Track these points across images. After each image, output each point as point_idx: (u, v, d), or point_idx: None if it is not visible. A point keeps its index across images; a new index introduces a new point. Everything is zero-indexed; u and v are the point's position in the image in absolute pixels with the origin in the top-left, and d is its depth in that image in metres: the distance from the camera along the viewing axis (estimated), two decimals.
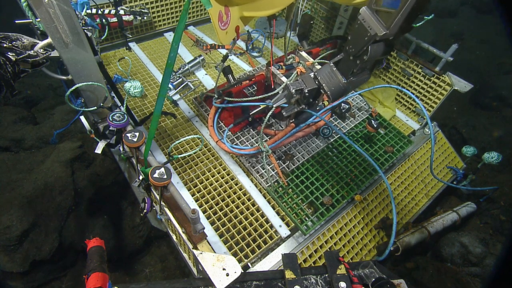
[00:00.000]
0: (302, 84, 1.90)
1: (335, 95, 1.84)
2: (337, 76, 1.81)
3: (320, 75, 1.86)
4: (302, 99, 1.96)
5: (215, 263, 1.67)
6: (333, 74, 1.83)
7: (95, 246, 1.49)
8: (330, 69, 1.84)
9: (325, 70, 1.86)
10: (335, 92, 1.82)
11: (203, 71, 3.55)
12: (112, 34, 3.61)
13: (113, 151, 2.73)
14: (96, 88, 2.09)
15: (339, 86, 1.81)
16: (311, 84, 1.88)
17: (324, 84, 1.83)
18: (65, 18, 1.59)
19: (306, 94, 1.89)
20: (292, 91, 1.91)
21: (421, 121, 3.34)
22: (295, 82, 1.92)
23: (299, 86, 1.90)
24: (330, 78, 1.83)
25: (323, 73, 1.86)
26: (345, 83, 1.80)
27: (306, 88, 1.88)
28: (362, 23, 1.57)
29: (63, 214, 2.67)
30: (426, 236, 2.50)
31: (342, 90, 1.83)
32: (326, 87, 1.82)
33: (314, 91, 1.91)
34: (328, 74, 1.84)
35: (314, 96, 1.98)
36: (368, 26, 1.55)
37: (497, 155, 2.70)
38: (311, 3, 3.96)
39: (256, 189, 2.54)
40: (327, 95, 1.84)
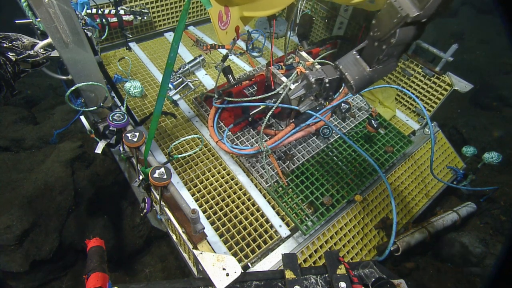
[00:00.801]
0: (322, 73, 1.70)
1: (359, 85, 1.65)
2: (361, 64, 1.63)
3: (341, 63, 1.67)
4: (322, 92, 1.77)
5: (215, 263, 1.67)
6: (357, 62, 1.65)
7: (95, 246, 1.50)
8: (353, 57, 1.66)
9: (347, 58, 1.68)
10: (359, 81, 1.64)
11: (203, 71, 3.55)
12: (112, 34, 3.61)
13: (113, 151, 2.73)
14: (96, 88, 2.09)
15: (364, 75, 1.63)
16: (332, 74, 1.69)
17: (347, 73, 1.64)
18: (65, 18, 1.59)
19: (327, 85, 1.70)
20: (312, 80, 1.70)
21: (421, 121, 3.33)
22: (315, 72, 1.72)
23: (319, 75, 1.70)
24: (353, 67, 1.65)
25: (345, 61, 1.67)
26: (370, 71, 1.62)
27: (326, 77, 1.68)
28: (392, 3, 1.40)
29: (63, 214, 2.68)
30: (426, 236, 2.51)
31: (367, 79, 1.64)
32: (349, 76, 1.64)
33: (335, 81, 1.71)
34: (350, 63, 1.66)
35: (335, 89, 1.77)
36: (399, 6, 1.37)
37: (497, 155, 2.70)
38: (311, 3, 3.95)
39: (256, 189, 2.54)
40: (350, 85, 1.65)
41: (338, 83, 1.74)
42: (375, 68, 1.62)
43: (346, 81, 1.67)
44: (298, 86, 1.86)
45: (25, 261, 2.43)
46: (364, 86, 1.68)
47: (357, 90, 1.68)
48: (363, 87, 1.69)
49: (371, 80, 1.65)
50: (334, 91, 1.78)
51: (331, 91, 1.77)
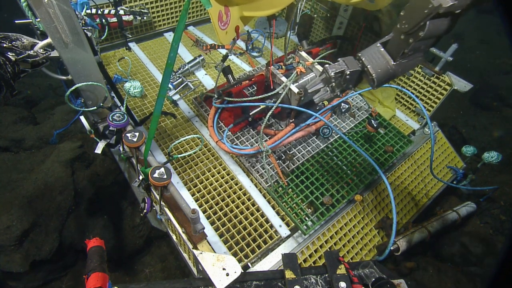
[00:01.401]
0: (343, 65, 1.66)
1: (381, 79, 1.59)
2: (384, 56, 1.58)
3: (364, 55, 1.61)
4: (341, 83, 1.73)
5: (215, 263, 1.67)
6: (380, 54, 1.59)
7: (95, 246, 1.50)
8: (376, 49, 1.61)
9: (371, 50, 1.63)
10: (381, 75, 1.58)
11: (203, 71, 3.55)
12: (112, 34, 3.61)
13: (113, 151, 2.73)
14: (96, 88, 2.09)
15: (387, 68, 1.57)
16: (354, 66, 1.64)
17: (370, 66, 1.59)
18: (65, 18, 1.59)
19: (347, 76, 1.66)
20: (331, 74, 1.67)
21: (421, 121, 3.33)
22: (335, 64, 1.69)
23: (340, 68, 1.66)
24: (376, 59, 1.59)
25: (368, 53, 1.62)
26: (394, 65, 1.57)
27: (348, 69, 1.64)
28: None
29: (63, 214, 2.68)
30: (426, 235, 2.50)
31: (390, 73, 1.58)
32: (372, 69, 1.58)
33: (356, 74, 1.67)
34: (374, 55, 1.61)
35: (356, 81, 1.72)
36: None
37: (497, 155, 2.70)
38: (311, 3, 3.96)
39: (256, 189, 2.54)
40: (372, 78, 1.60)
41: (359, 75, 1.69)
42: (400, 62, 1.56)
43: (368, 74, 1.62)
44: (317, 80, 1.81)
45: (25, 261, 2.43)
46: (386, 80, 1.63)
47: (378, 84, 1.62)
48: (385, 81, 1.63)
49: (394, 74, 1.60)
50: (354, 83, 1.74)
51: (351, 83, 1.73)
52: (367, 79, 1.67)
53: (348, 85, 1.73)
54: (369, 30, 3.47)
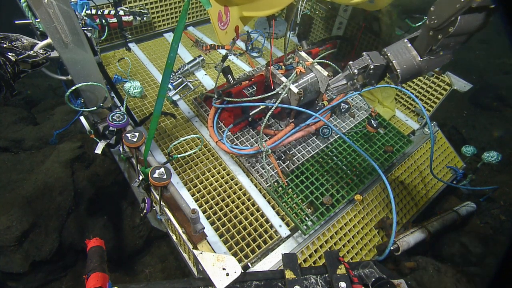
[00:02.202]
0: (367, 60, 1.65)
1: (406, 74, 1.56)
2: (411, 52, 1.55)
3: (390, 51, 1.60)
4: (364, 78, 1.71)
5: (215, 263, 1.67)
6: (407, 50, 1.56)
7: (95, 246, 1.49)
8: (403, 45, 1.59)
9: (397, 45, 1.62)
10: (406, 71, 1.55)
11: (203, 72, 3.56)
12: (111, 35, 3.62)
13: (113, 151, 2.73)
14: (96, 88, 2.09)
15: (413, 64, 1.54)
16: (379, 61, 1.63)
17: (395, 61, 1.56)
18: (64, 18, 1.60)
19: (371, 71, 1.64)
20: (355, 71, 1.66)
21: (421, 121, 3.34)
22: (358, 60, 1.68)
23: (363, 63, 1.65)
24: (402, 55, 1.57)
25: (394, 48, 1.60)
26: (420, 61, 1.54)
27: (372, 63, 1.62)
28: None
29: (63, 214, 2.68)
30: (426, 235, 2.50)
31: (416, 69, 1.55)
32: (397, 64, 1.56)
33: (380, 69, 1.65)
34: (400, 50, 1.58)
35: (379, 77, 1.70)
36: None
37: (497, 155, 2.70)
38: (310, 3, 3.96)
39: (256, 189, 2.54)
40: (396, 74, 1.57)
41: (384, 71, 1.67)
42: (427, 58, 1.53)
43: (392, 69, 1.60)
44: (340, 76, 1.79)
45: (25, 262, 2.43)
46: (411, 76, 1.60)
47: (402, 80, 1.59)
48: (410, 77, 1.60)
49: (420, 71, 1.57)
50: (377, 79, 1.71)
51: (374, 79, 1.70)
52: (390, 75, 1.65)
53: (370, 80, 1.70)
54: (368, 30, 3.48)
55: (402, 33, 3.11)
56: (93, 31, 2.25)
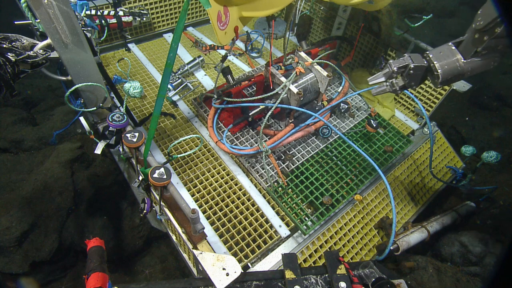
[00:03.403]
0: (408, 60, 1.64)
1: (446, 76, 1.53)
2: (454, 54, 1.53)
3: (432, 53, 1.58)
4: (403, 79, 1.70)
5: (215, 263, 1.67)
6: (450, 52, 1.54)
7: (95, 246, 1.50)
8: (447, 47, 1.57)
9: (440, 48, 1.61)
10: (448, 71, 1.53)
11: (203, 72, 3.56)
12: (111, 35, 3.62)
13: (113, 151, 2.73)
14: (96, 88, 2.09)
15: (455, 65, 1.51)
16: (419, 62, 1.61)
17: (436, 62, 1.54)
18: (64, 18, 1.60)
19: (411, 71, 1.62)
20: (394, 69, 1.65)
21: (420, 121, 3.34)
22: (399, 59, 1.67)
23: (404, 62, 1.65)
24: (444, 56, 1.54)
25: (437, 51, 1.58)
26: (464, 62, 1.50)
27: (412, 63, 1.60)
28: None
29: (63, 214, 2.68)
30: (426, 235, 2.50)
31: (458, 70, 1.52)
32: (438, 65, 1.53)
33: (420, 70, 1.63)
34: (443, 52, 1.56)
35: (419, 79, 1.68)
36: None
37: (496, 155, 2.70)
38: (310, 4, 3.97)
39: (255, 189, 2.55)
40: (437, 75, 1.53)
41: (424, 73, 1.66)
42: (471, 60, 1.51)
43: (433, 70, 1.57)
44: (379, 74, 1.78)
45: (25, 262, 2.43)
46: (452, 78, 1.56)
47: (443, 81, 1.56)
48: (451, 79, 1.57)
49: (462, 73, 1.54)
50: (417, 81, 1.69)
51: (414, 81, 1.68)
52: (431, 77, 1.63)
53: (410, 82, 1.68)
54: (368, 31, 3.48)
55: (401, 33, 3.12)
56: (93, 31, 2.25)
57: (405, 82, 1.69)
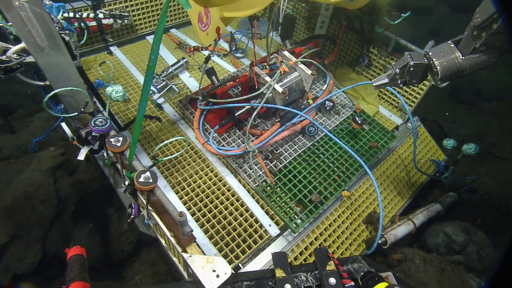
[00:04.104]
0: (407, 58, 1.71)
1: (445, 72, 1.58)
2: (453, 51, 1.58)
3: (432, 51, 1.63)
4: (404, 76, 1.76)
5: (204, 265, 1.66)
6: (449, 49, 1.59)
7: (75, 254, 1.45)
8: (447, 45, 1.62)
9: (440, 46, 1.65)
10: (446, 68, 1.58)
11: (187, 74, 3.53)
12: (92, 38, 3.53)
13: (97, 157, 2.67)
14: (76, 93, 2.04)
15: (454, 62, 1.57)
16: (419, 59, 1.67)
17: (435, 59, 1.59)
18: (39, 21, 1.54)
19: (411, 69, 1.69)
20: (396, 70, 1.75)
21: (404, 116, 3.42)
22: (400, 60, 1.76)
23: (403, 62, 1.72)
24: (443, 54, 1.60)
25: (437, 49, 1.64)
26: (462, 59, 1.55)
27: (412, 61, 1.67)
28: None
29: (46, 224, 2.59)
30: (412, 228, 2.57)
31: (457, 67, 1.57)
32: (437, 61, 1.59)
33: (420, 67, 1.69)
34: (442, 50, 1.62)
35: (420, 77, 1.73)
36: None
37: (475, 146, 2.80)
38: (292, 3, 4.00)
39: (244, 189, 2.54)
40: (436, 71, 1.59)
41: (424, 71, 1.71)
42: (469, 57, 1.55)
43: (432, 67, 1.62)
44: (383, 76, 1.86)
45: (6, 276, 2.33)
46: (451, 75, 1.61)
47: (442, 77, 1.61)
48: (450, 75, 1.61)
49: (461, 69, 1.58)
50: (418, 79, 1.74)
51: (415, 78, 1.74)
52: (431, 75, 1.68)
53: (411, 79, 1.74)
54: (350, 29, 3.54)
55: (382, 30, 3.18)
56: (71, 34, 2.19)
57: (406, 79, 1.76)
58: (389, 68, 3.36)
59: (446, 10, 6.16)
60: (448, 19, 5.75)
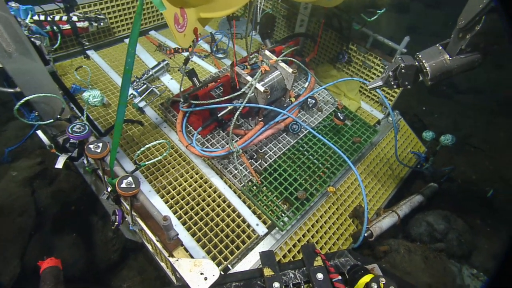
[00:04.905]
0: (398, 61, 1.81)
1: (434, 72, 1.69)
2: (442, 54, 1.69)
3: (422, 53, 1.74)
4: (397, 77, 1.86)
5: (192, 268, 1.64)
6: (438, 51, 1.71)
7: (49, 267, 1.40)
8: (435, 48, 1.74)
9: (429, 49, 1.76)
10: (435, 68, 1.68)
11: (168, 76, 3.47)
12: (66, 42, 3.42)
13: (77, 164, 2.59)
14: (51, 99, 1.96)
15: (442, 63, 1.68)
16: (410, 61, 1.78)
17: (424, 60, 1.70)
18: (3, 25, 1.47)
19: (402, 70, 1.79)
20: (389, 73, 1.85)
21: (385, 111, 3.50)
22: (392, 63, 1.86)
23: (395, 64, 1.82)
24: (432, 55, 1.71)
25: (426, 51, 1.75)
26: (450, 60, 1.66)
27: (403, 63, 1.77)
28: None
29: (25, 237, 2.48)
30: (396, 219, 2.64)
31: (445, 67, 1.68)
32: (426, 62, 1.70)
33: (411, 69, 1.79)
34: (431, 52, 1.73)
35: (412, 78, 1.83)
36: None
37: (452, 137, 2.91)
38: (271, 2, 4.01)
39: (230, 190, 2.53)
40: (426, 72, 1.70)
41: (416, 72, 1.80)
42: (456, 58, 1.66)
43: (422, 68, 1.72)
44: (377, 79, 1.97)
45: None
46: (440, 75, 1.71)
47: (432, 78, 1.71)
48: (440, 76, 1.71)
49: (449, 70, 1.69)
50: (410, 80, 1.83)
51: (407, 80, 1.83)
52: (422, 76, 1.78)
53: (403, 81, 1.84)
54: (329, 27, 3.59)
55: (360, 27, 3.25)
56: (43, 38, 2.11)
57: (399, 81, 1.86)
58: (368, 64, 3.46)
59: (420, 7, 6.36)
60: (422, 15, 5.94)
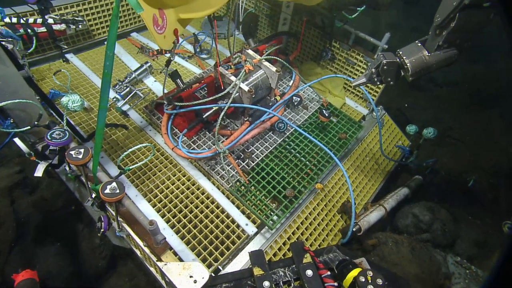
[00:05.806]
0: (380, 58, 1.87)
1: (415, 68, 1.76)
2: (420, 50, 1.77)
3: (402, 50, 1.81)
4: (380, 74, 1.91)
5: (181, 272, 1.63)
6: (417, 48, 1.78)
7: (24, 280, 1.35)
8: (414, 45, 1.81)
9: (409, 46, 1.83)
10: (415, 64, 1.76)
11: (152, 78, 3.42)
12: (43, 46, 3.30)
13: (59, 171, 2.51)
14: (27, 105, 1.90)
15: (422, 59, 1.76)
16: (391, 58, 1.85)
17: (405, 57, 1.77)
18: None
19: (385, 67, 1.85)
20: (372, 70, 1.91)
21: (369, 106, 3.56)
22: (374, 61, 1.92)
23: (377, 61, 1.88)
24: (412, 52, 1.78)
25: (406, 48, 1.82)
26: (428, 56, 1.75)
27: (384, 59, 1.83)
28: None
29: (5, 249, 2.39)
30: (383, 213, 2.68)
31: (424, 63, 1.76)
32: (407, 59, 1.77)
33: (393, 65, 1.85)
34: (411, 49, 1.80)
35: (394, 74, 1.89)
36: None
37: (433, 130, 2.99)
38: (254, 1, 4.01)
39: (218, 191, 2.52)
40: (406, 68, 1.77)
41: (397, 69, 1.86)
42: (434, 54, 1.74)
43: (403, 64, 1.79)
44: (362, 76, 2.03)
45: None
46: (421, 71, 1.78)
47: (412, 73, 1.78)
48: (420, 71, 1.78)
49: (428, 66, 1.76)
50: (392, 77, 1.90)
51: (390, 77, 1.90)
52: (403, 72, 1.84)
53: (386, 77, 1.91)
54: (312, 24, 3.62)
55: (342, 25, 3.29)
56: (15, 42, 2.03)
57: (382, 78, 1.93)
58: (352, 60, 3.50)
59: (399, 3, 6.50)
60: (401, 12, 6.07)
